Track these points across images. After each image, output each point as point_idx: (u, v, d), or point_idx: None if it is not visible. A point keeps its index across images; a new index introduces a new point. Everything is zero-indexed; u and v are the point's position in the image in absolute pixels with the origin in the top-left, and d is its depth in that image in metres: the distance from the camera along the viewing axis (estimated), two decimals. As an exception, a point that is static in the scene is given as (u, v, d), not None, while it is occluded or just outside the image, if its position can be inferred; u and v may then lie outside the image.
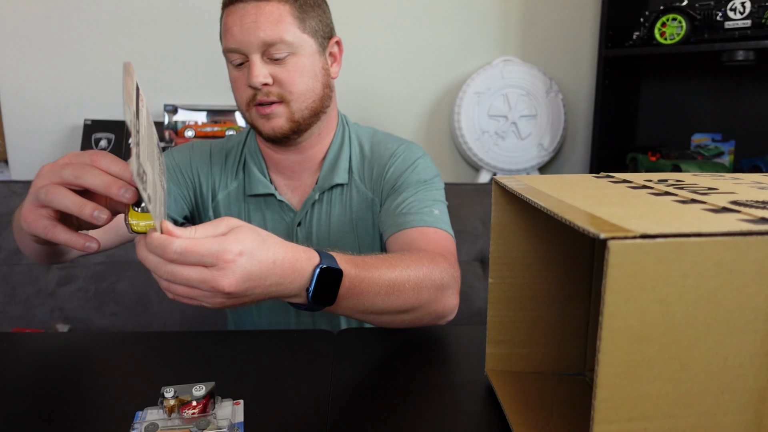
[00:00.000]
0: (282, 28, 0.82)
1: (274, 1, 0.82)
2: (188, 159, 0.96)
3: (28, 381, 0.62)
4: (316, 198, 0.92)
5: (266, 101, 0.85)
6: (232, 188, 0.95)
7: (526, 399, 0.57)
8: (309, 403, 0.58)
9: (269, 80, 0.84)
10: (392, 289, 0.68)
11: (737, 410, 0.38)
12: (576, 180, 0.55)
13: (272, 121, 0.86)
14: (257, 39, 0.82)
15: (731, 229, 0.35)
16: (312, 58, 0.86)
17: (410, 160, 0.93)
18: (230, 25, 0.83)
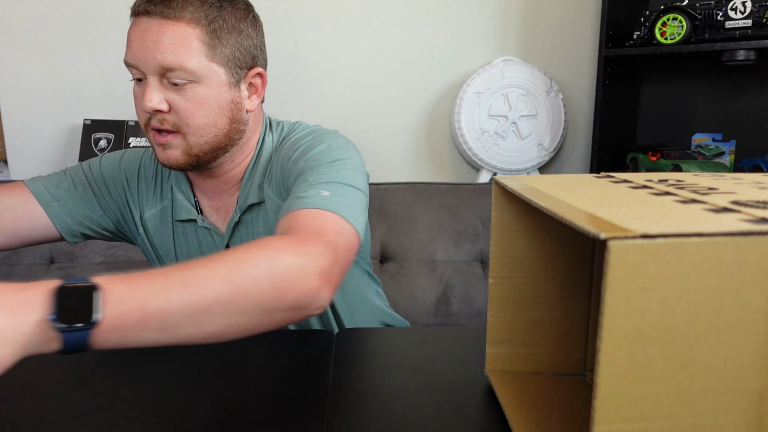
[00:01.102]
0: (185, 54, 0.73)
1: (182, 23, 0.73)
2: (117, 168, 0.91)
3: (28, 381, 0.62)
4: (237, 220, 0.86)
5: (161, 128, 0.76)
6: (159, 209, 0.90)
7: (526, 399, 0.57)
8: (309, 403, 0.58)
9: (164, 107, 0.75)
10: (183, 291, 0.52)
11: (737, 410, 0.38)
12: (576, 180, 0.55)
13: (167, 152, 0.78)
14: (155, 61, 0.73)
15: (732, 229, 0.35)
16: (218, 89, 0.77)
17: (308, 149, 0.81)
18: (131, 38, 0.75)
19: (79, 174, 0.90)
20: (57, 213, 0.86)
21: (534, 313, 0.61)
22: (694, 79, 1.86)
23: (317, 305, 0.59)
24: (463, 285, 1.40)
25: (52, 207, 0.86)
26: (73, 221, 0.88)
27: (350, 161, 0.79)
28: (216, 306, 0.52)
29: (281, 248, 0.58)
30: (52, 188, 0.87)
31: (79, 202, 0.88)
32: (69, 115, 1.83)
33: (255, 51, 0.81)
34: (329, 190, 0.71)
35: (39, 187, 0.86)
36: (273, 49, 1.89)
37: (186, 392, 0.60)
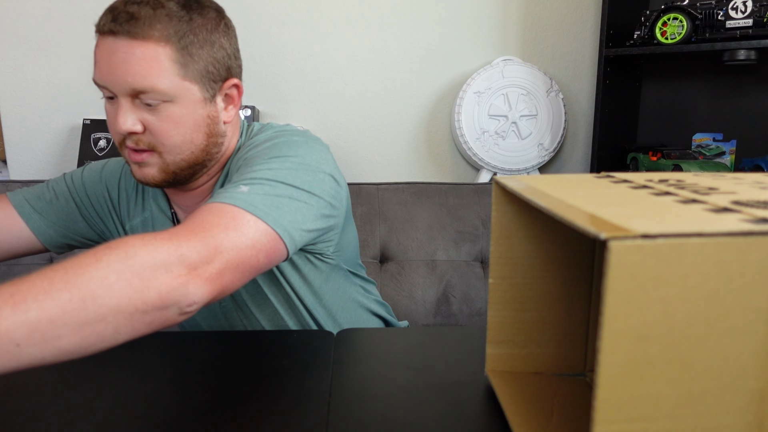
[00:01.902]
0: (156, 75, 0.69)
1: (151, 42, 0.69)
2: (98, 179, 0.90)
3: (28, 381, 0.62)
4: None
5: (134, 148, 0.74)
6: (139, 221, 0.89)
7: (527, 399, 0.57)
8: (309, 403, 0.58)
9: (138, 128, 0.72)
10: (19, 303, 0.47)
11: (738, 411, 0.38)
12: (576, 180, 0.55)
13: (143, 170, 0.76)
14: (125, 83, 0.69)
15: (732, 229, 0.35)
16: (193, 107, 0.74)
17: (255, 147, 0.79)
18: (98, 58, 0.71)
19: (61, 185, 0.89)
20: (38, 225, 0.86)
21: (534, 313, 0.61)
22: (694, 78, 1.86)
23: (187, 302, 0.54)
24: (463, 285, 1.40)
25: (33, 219, 0.85)
26: (56, 233, 0.87)
27: (297, 159, 0.74)
28: (62, 317, 0.47)
29: (139, 245, 0.53)
30: (34, 200, 0.86)
31: (62, 214, 0.87)
32: (69, 115, 1.83)
33: (229, 61, 0.77)
34: (249, 186, 0.67)
35: (20, 200, 0.85)
36: (272, 49, 1.89)
37: (186, 392, 0.60)
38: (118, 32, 0.68)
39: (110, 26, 0.69)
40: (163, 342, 0.74)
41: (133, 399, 0.58)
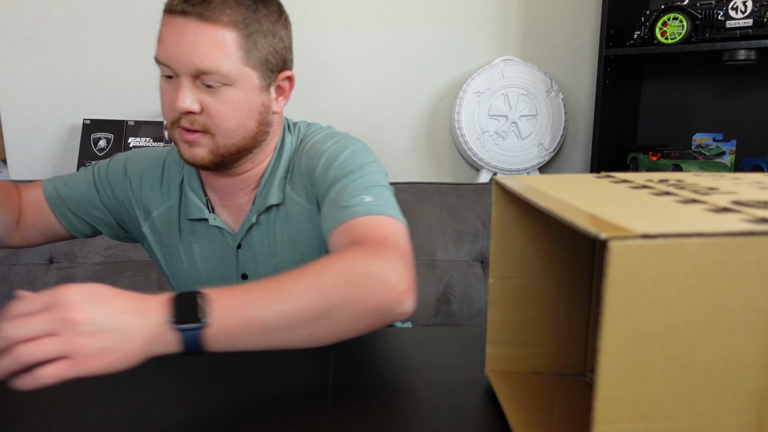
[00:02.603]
0: (221, 57, 0.72)
1: (220, 26, 0.72)
2: (122, 170, 0.91)
3: (27, 381, 0.62)
4: (254, 221, 0.85)
5: (189, 128, 0.76)
6: (167, 207, 0.89)
7: (527, 399, 0.57)
8: (309, 403, 0.58)
9: (196, 107, 0.74)
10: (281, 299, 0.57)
11: (738, 411, 0.38)
12: (576, 180, 0.55)
13: (193, 150, 0.78)
14: (190, 63, 0.72)
15: (732, 230, 0.35)
16: (250, 93, 0.77)
17: (333, 156, 0.82)
18: (165, 36, 0.73)
19: (88, 175, 0.92)
20: (62, 211, 0.89)
21: (534, 313, 0.61)
22: (694, 78, 1.86)
23: (401, 310, 0.62)
24: (463, 285, 1.40)
25: (57, 206, 0.89)
26: (77, 220, 0.91)
27: (375, 164, 0.82)
28: (304, 312, 0.57)
29: (357, 258, 0.61)
30: (61, 187, 0.90)
31: (83, 201, 0.90)
32: (68, 114, 1.82)
33: (285, 54, 0.81)
34: (370, 195, 0.75)
35: (50, 186, 0.89)
36: (273, 48, 1.89)
37: (186, 392, 0.60)
38: (189, 13, 0.71)
39: (183, 6, 0.71)
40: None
41: (132, 399, 0.58)
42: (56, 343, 0.48)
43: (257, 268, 0.88)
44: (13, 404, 0.57)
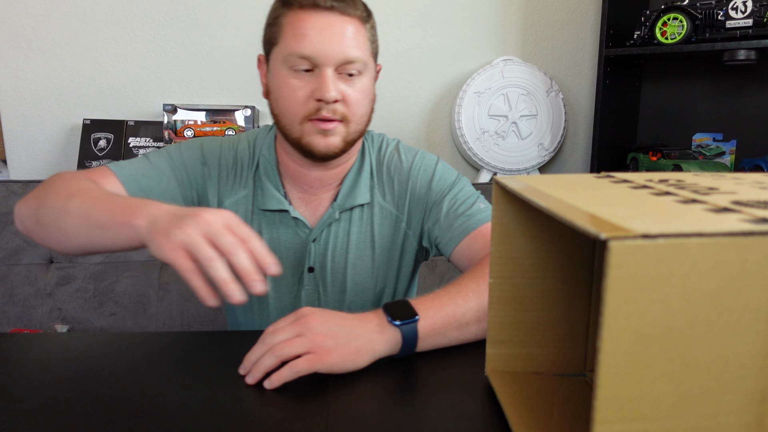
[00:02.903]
0: (360, 47, 0.80)
1: (356, 19, 0.80)
2: (198, 157, 0.90)
3: (27, 382, 0.62)
4: (336, 217, 0.89)
5: (330, 118, 0.80)
6: (240, 197, 0.90)
7: (527, 399, 0.57)
8: (309, 403, 0.58)
9: (339, 96, 0.80)
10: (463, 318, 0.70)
11: (738, 411, 0.38)
12: (576, 180, 0.55)
13: (329, 139, 0.81)
14: (339, 53, 0.78)
15: (732, 230, 0.35)
16: (371, 82, 0.85)
17: (431, 168, 0.92)
18: (307, 30, 0.78)
19: (162, 162, 0.88)
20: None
21: (534, 313, 0.61)
22: (694, 78, 1.86)
23: None
24: (463, 285, 1.40)
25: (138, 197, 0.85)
26: None
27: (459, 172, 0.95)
28: (476, 312, 0.70)
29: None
30: (139, 177, 0.86)
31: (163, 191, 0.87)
32: (68, 114, 1.82)
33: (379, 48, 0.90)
34: (482, 202, 0.88)
35: (127, 176, 0.85)
36: (273, 48, 1.88)
37: (186, 392, 0.60)
38: (334, 8, 0.78)
39: (328, 2, 0.78)
40: (163, 342, 0.74)
41: (132, 399, 0.58)
42: (303, 341, 0.61)
43: (327, 262, 0.91)
44: (13, 404, 0.57)
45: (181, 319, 1.40)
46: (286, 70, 0.80)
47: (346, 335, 0.63)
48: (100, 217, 0.66)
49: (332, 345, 0.62)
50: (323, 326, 0.63)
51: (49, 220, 0.71)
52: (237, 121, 1.79)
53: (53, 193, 0.72)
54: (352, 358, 0.62)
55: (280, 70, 0.81)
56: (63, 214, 0.69)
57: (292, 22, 0.79)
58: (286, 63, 0.80)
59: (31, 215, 0.74)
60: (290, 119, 0.82)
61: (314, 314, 0.64)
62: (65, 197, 0.70)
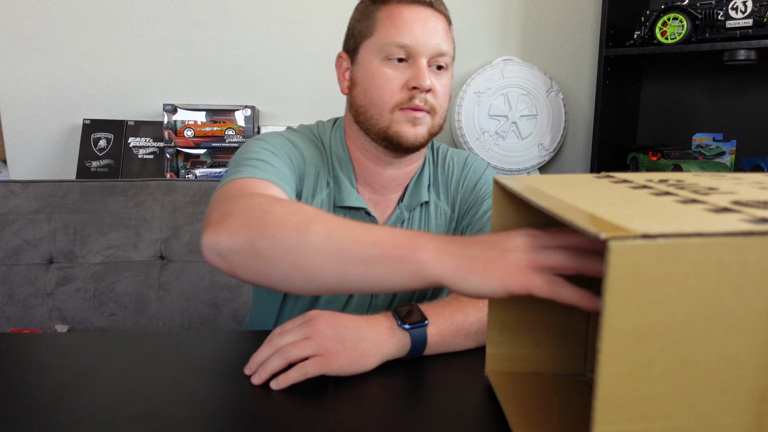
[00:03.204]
0: (449, 42, 0.86)
1: (445, 18, 0.87)
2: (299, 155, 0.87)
3: (27, 381, 0.62)
4: (405, 217, 0.91)
5: (420, 107, 0.83)
6: (324, 196, 0.89)
7: (527, 399, 0.57)
8: (309, 403, 0.58)
9: (432, 86, 0.83)
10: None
11: (738, 411, 0.38)
12: (576, 180, 0.55)
13: (417, 128, 0.83)
14: (436, 44, 0.83)
15: (732, 230, 0.35)
16: (452, 76, 0.89)
17: (480, 171, 0.95)
18: (410, 20, 0.82)
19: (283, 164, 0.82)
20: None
21: (534, 313, 0.61)
22: (694, 78, 1.86)
23: None
24: (463, 285, 1.40)
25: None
26: None
27: None
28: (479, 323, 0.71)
29: None
30: (288, 179, 0.81)
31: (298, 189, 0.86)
32: (68, 114, 1.82)
33: None
34: None
35: (288, 187, 0.79)
36: (272, 49, 1.89)
37: (186, 392, 0.60)
38: (432, 4, 0.84)
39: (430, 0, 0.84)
40: (163, 342, 0.74)
41: (132, 399, 0.58)
42: (311, 344, 0.62)
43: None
44: (13, 404, 0.57)
45: (181, 319, 1.40)
46: (379, 60, 0.83)
47: (353, 338, 0.63)
48: (362, 251, 0.53)
49: (340, 348, 0.62)
50: (331, 329, 0.63)
51: (277, 255, 0.56)
52: (237, 121, 1.79)
53: (275, 221, 0.58)
54: (359, 361, 0.62)
55: (372, 60, 0.84)
56: (300, 246, 0.55)
57: (389, 14, 0.83)
58: (382, 53, 0.83)
59: (243, 249, 0.58)
60: (381, 107, 0.83)
61: (322, 317, 0.65)
62: (298, 226, 0.56)
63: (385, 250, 0.52)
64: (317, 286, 0.56)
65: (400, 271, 0.51)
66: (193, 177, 1.77)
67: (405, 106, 0.82)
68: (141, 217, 1.44)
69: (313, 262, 0.55)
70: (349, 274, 0.54)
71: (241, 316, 1.42)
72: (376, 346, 0.64)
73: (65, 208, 1.42)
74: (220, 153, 1.80)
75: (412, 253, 0.51)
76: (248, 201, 0.63)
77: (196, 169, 1.79)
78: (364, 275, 0.53)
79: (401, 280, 0.52)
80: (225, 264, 0.60)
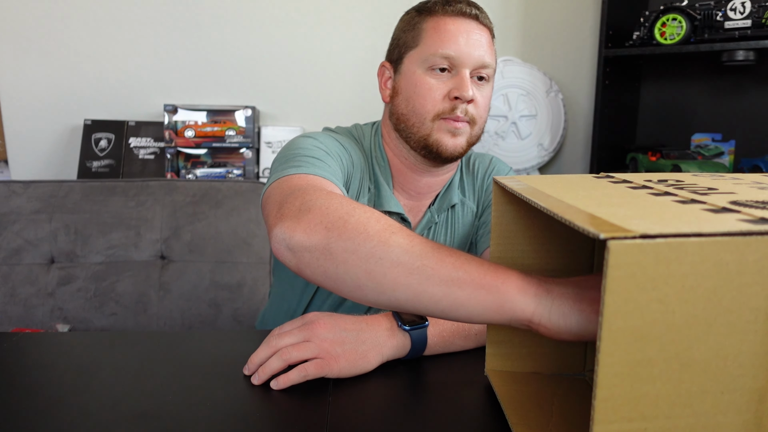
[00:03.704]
0: (492, 54, 0.87)
1: (489, 31, 0.88)
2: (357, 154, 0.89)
3: (28, 381, 0.62)
4: (436, 220, 0.93)
5: (461, 118, 0.84)
6: (366, 200, 0.90)
7: (526, 399, 0.57)
8: (309, 403, 0.58)
9: (473, 97, 0.84)
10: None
11: (737, 410, 0.38)
12: (576, 180, 0.55)
13: (457, 138, 0.85)
14: (479, 56, 0.84)
15: (731, 230, 0.35)
16: (492, 88, 0.90)
17: (503, 171, 0.98)
18: (455, 32, 0.84)
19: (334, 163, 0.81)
20: None
21: (534, 313, 0.61)
22: (693, 79, 1.86)
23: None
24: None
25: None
26: None
27: None
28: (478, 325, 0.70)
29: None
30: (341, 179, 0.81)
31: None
32: (69, 115, 1.83)
33: None
34: None
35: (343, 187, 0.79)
36: (272, 49, 1.89)
37: (186, 392, 0.60)
38: (477, 17, 0.86)
39: (473, 11, 0.86)
40: (163, 342, 0.74)
41: (132, 399, 0.58)
42: (310, 347, 0.62)
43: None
44: (13, 404, 0.57)
45: (182, 319, 1.40)
46: (423, 70, 0.85)
47: (353, 340, 0.63)
48: (446, 272, 0.50)
49: (339, 351, 0.62)
50: (330, 332, 0.63)
51: (352, 260, 0.54)
52: (237, 121, 1.79)
53: (356, 224, 0.55)
54: (359, 363, 0.63)
55: (415, 70, 0.86)
56: (379, 256, 0.52)
57: (435, 26, 0.85)
58: (426, 63, 0.84)
59: (317, 248, 0.56)
60: (422, 116, 0.85)
61: (321, 320, 0.65)
62: (380, 234, 0.54)
63: (471, 275, 0.50)
64: (387, 299, 0.53)
65: (484, 299, 0.49)
66: (193, 177, 1.78)
67: (446, 116, 0.84)
68: (142, 217, 1.44)
69: (390, 274, 0.52)
70: (426, 293, 0.51)
71: (241, 316, 1.42)
72: (376, 348, 0.64)
73: (66, 208, 1.43)
74: (221, 153, 1.80)
75: (501, 284, 0.49)
76: (329, 200, 0.60)
77: (196, 169, 1.79)
78: (443, 297, 0.50)
79: (480, 309, 0.49)
80: (293, 260, 0.58)
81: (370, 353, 0.63)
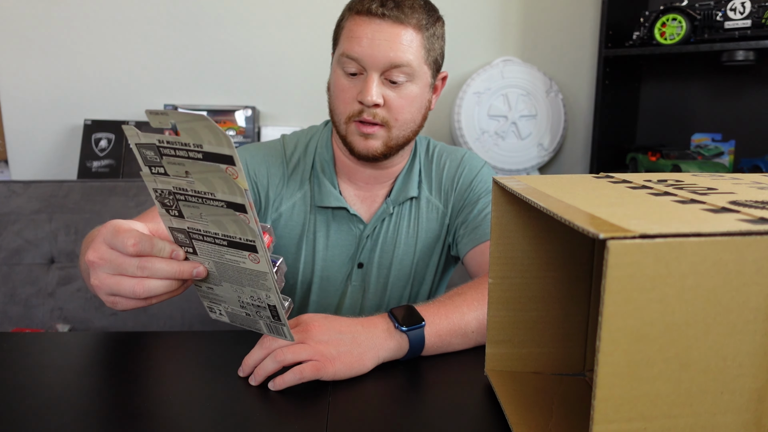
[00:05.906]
0: (411, 54, 0.82)
1: (411, 28, 0.82)
2: (262, 162, 0.93)
3: (28, 381, 0.62)
4: (390, 212, 0.92)
5: (370, 121, 0.83)
6: (297, 198, 0.92)
7: (526, 399, 0.57)
8: (308, 404, 0.58)
9: (381, 101, 0.82)
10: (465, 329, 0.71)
11: (736, 410, 0.38)
12: (576, 180, 0.55)
13: (369, 142, 0.85)
14: (385, 58, 0.80)
15: (730, 229, 0.35)
16: (423, 89, 0.86)
17: (476, 168, 0.95)
18: (359, 34, 0.81)
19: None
20: None
21: (534, 313, 0.61)
22: (693, 79, 1.86)
23: None
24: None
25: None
26: None
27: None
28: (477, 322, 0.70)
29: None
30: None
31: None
32: (69, 115, 1.83)
33: (444, 55, 0.90)
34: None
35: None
36: (272, 49, 1.89)
37: (186, 392, 0.60)
38: (387, 15, 0.80)
39: (382, 10, 0.80)
40: (164, 342, 0.74)
41: (132, 399, 0.58)
42: (305, 349, 0.61)
43: (375, 257, 0.93)
44: (13, 404, 0.57)
45: (182, 319, 1.40)
46: (339, 69, 0.84)
47: (349, 342, 0.63)
48: None
49: (335, 353, 0.62)
50: (325, 334, 0.63)
51: None
52: (237, 121, 1.79)
53: None
54: (355, 366, 0.62)
55: (336, 69, 0.85)
56: None
57: (349, 26, 0.83)
58: (340, 63, 0.84)
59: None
60: (338, 116, 0.86)
61: (316, 321, 0.64)
62: None
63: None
64: None
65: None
66: (193, 177, 1.77)
67: (356, 119, 0.84)
68: (141, 218, 1.44)
69: None
70: None
71: (241, 316, 1.42)
72: (373, 350, 0.64)
73: (66, 208, 1.43)
74: (220, 153, 1.80)
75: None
76: None
77: (196, 170, 1.79)
78: None
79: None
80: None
81: (366, 355, 0.63)
